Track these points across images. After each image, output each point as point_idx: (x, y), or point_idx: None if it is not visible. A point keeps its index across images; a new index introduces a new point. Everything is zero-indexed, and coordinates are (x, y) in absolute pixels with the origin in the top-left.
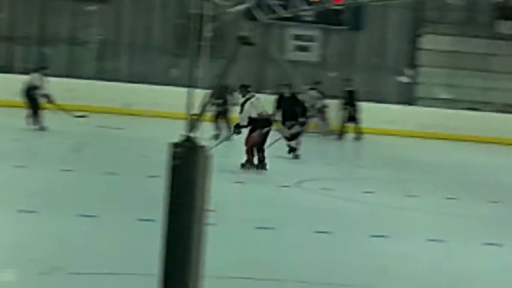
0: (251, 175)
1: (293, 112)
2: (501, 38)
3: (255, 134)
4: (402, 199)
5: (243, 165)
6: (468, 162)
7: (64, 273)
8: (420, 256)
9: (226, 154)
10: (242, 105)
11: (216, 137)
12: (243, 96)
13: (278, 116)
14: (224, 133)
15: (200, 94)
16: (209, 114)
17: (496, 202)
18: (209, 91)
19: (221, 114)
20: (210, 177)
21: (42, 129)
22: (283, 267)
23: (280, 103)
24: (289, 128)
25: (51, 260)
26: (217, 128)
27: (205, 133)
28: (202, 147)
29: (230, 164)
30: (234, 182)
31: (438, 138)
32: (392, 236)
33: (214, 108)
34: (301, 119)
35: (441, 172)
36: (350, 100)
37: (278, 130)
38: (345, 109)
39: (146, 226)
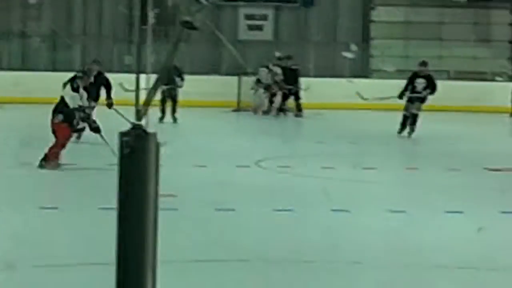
0: (211, 157)
1: (94, 92)
2: (452, 6)
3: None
4: (361, 173)
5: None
6: (424, 131)
7: (28, 266)
8: (382, 228)
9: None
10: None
11: (161, 120)
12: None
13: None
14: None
15: (149, 80)
16: (156, 98)
17: (454, 170)
18: (155, 77)
19: (169, 98)
20: (160, 164)
21: None
22: (245, 247)
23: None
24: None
25: (12, 254)
26: (163, 111)
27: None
28: (151, 134)
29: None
30: (194, 166)
31: (394, 110)
32: (353, 209)
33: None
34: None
35: (398, 144)
36: (292, 77)
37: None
38: (286, 86)
39: (109, 215)
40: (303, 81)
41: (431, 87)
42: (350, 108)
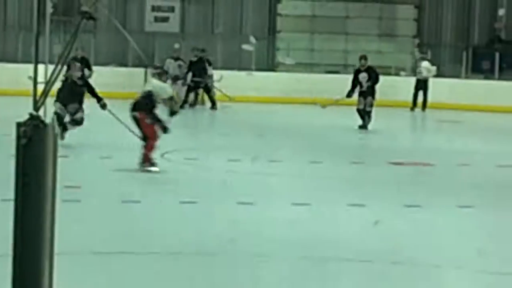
0: (115, 149)
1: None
2: (357, 0)
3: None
4: (267, 165)
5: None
6: (330, 125)
7: None
8: (285, 221)
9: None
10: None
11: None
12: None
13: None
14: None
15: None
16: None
17: (358, 163)
18: (55, 67)
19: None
20: (57, 155)
21: None
22: (151, 239)
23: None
24: (72, 113)
25: None
26: None
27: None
28: (49, 124)
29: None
30: (100, 158)
31: (300, 103)
32: (258, 202)
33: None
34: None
35: (304, 137)
36: (199, 69)
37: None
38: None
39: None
40: (215, 72)
41: (373, 78)
42: (258, 101)
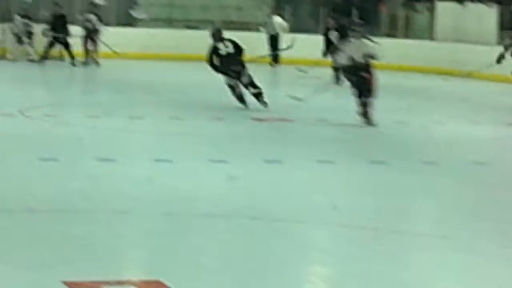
0: None
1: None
2: None
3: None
4: (127, 122)
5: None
6: (189, 81)
7: None
8: (147, 177)
9: None
10: None
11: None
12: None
13: None
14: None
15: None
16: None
17: (220, 120)
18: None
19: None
20: None
21: None
22: (8, 196)
23: None
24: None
25: None
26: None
27: None
28: None
29: None
30: None
31: (159, 59)
32: (120, 159)
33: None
34: None
35: (164, 93)
36: (59, 25)
37: None
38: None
39: None
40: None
41: None
42: (116, 56)
